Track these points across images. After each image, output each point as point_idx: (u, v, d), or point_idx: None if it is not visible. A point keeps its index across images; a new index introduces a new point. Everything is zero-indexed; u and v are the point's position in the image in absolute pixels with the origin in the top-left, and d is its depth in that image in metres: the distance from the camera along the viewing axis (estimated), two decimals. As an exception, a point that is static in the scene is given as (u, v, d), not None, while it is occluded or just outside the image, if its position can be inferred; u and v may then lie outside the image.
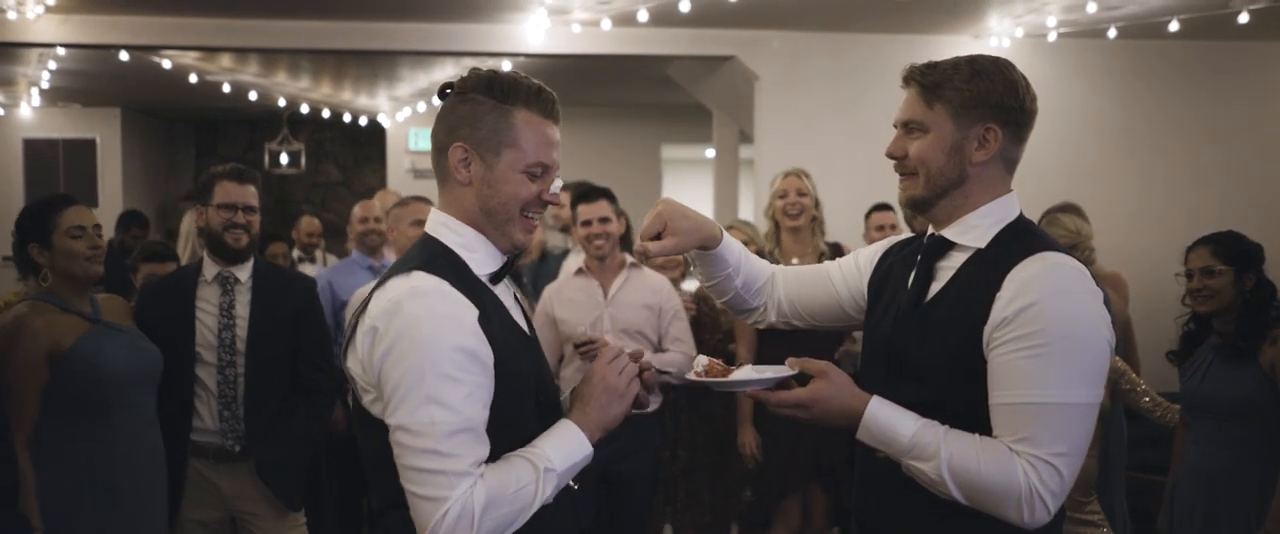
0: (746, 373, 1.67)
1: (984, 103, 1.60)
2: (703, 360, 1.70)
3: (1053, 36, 5.55)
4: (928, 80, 1.63)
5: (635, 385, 1.61)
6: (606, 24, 5.22)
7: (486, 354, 1.49)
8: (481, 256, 1.62)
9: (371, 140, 10.17)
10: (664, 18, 5.04)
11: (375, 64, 6.86)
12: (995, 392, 1.52)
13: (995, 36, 5.58)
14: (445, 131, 1.61)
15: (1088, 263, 3.51)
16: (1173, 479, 3.08)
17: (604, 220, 3.50)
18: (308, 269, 5.64)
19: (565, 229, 4.57)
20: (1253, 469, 2.81)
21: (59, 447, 2.67)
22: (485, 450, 1.48)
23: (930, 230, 1.70)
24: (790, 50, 5.61)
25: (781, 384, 1.62)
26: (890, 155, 1.69)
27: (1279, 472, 2.74)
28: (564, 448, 1.52)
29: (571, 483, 1.59)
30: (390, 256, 4.22)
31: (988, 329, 1.53)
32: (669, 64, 6.39)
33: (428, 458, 1.43)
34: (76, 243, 2.72)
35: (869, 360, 1.77)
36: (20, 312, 2.70)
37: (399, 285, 1.51)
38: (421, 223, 3.54)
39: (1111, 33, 5.46)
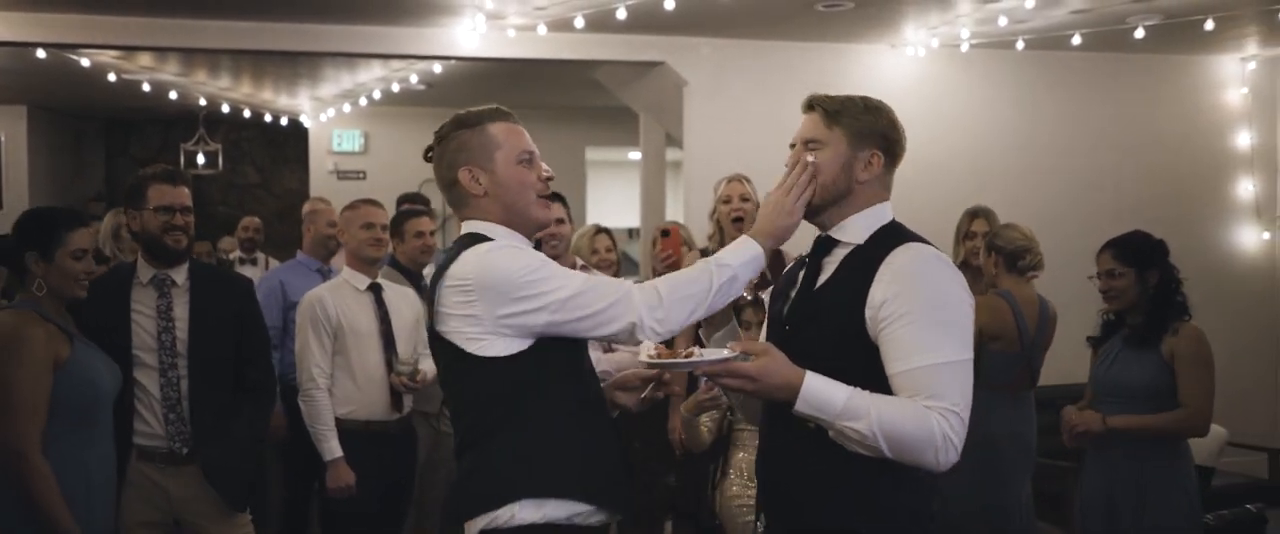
0: (698, 354, 1.85)
1: (873, 133, 1.92)
2: (650, 347, 1.87)
3: (965, 47, 5.84)
4: (830, 107, 1.93)
5: (803, 202, 1.90)
6: (542, 29, 5.30)
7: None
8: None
9: (291, 141, 10.02)
10: (599, 24, 5.15)
11: (297, 64, 6.79)
12: (893, 363, 1.77)
13: (912, 46, 5.85)
14: (448, 168, 2.00)
15: (1036, 267, 3.76)
16: (1084, 462, 3.33)
17: (560, 222, 3.65)
18: (248, 271, 5.65)
19: None
20: (1153, 448, 3.07)
21: (60, 456, 2.68)
22: None
23: (817, 233, 2.00)
24: (719, 56, 5.77)
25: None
26: (788, 167, 1.96)
27: (1177, 449, 3.01)
28: (738, 253, 1.91)
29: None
30: (339, 261, 4.22)
31: (870, 311, 1.81)
32: (597, 68, 6.48)
33: (593, 303, 1.86)
34: (77, 265, 2.75)
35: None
36: (10, 320, 2.69)
37: (472, 252, 1.91)
38: (371, 225, 3.65)
39: (1020, 45, 5.77)
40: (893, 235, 1.89)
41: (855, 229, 1.92)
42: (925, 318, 1.76)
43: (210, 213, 9.49)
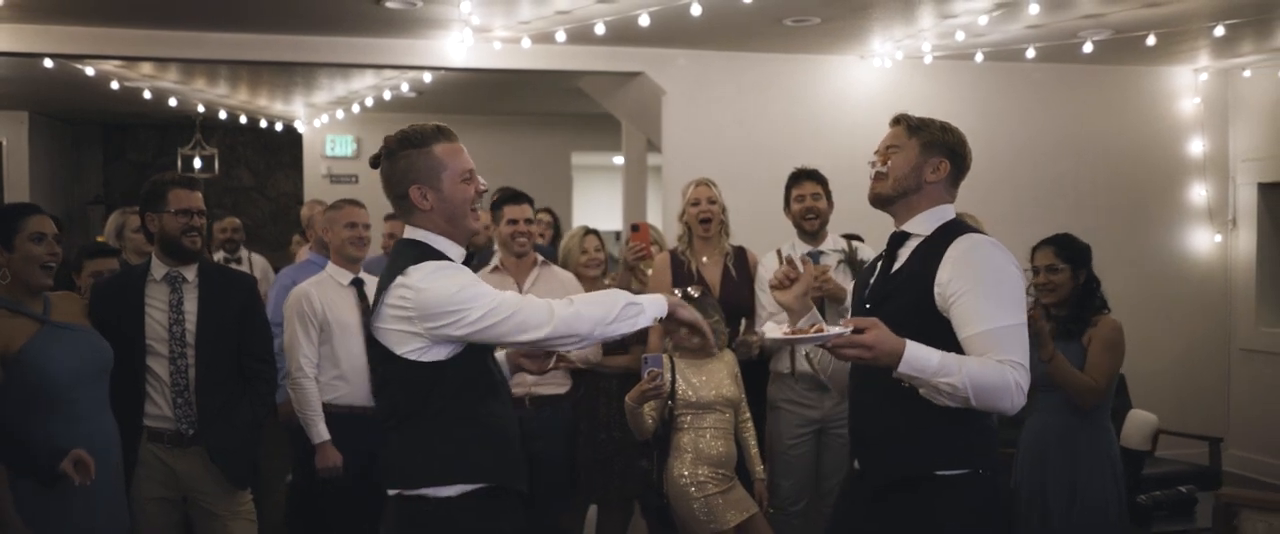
0: (823, 330, 2.14)
1: (942, 145, 2.36)
2: (777, 327, 2.24)
3: (928, 59, 6.13)
4: (912, 123, 2.39)
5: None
6: (526, 42, 5.57)
7: None
8: (453, 253, 2.28)
9: (285, 146, 10.25)
10: (580, 37, 5.42)
11: (293, 72, 7.01)
12: (963, 328, 2.16)
13: (878, 57, 6.13)
14: (398, 182, 2.25)
15: None
16: (1020, 445, 3.63)
17: (528, 221, 3.91)
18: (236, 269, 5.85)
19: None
20: (1079, 427, 3.38)
21: (33, 438, 2.83)
22: None
23: (893, 227, 2.42)
24: (695, 67, 6.03)
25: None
26: (876, 156, 2.40)
27: (1096, 426, 3.32)
28: (650, 297, 2.24)
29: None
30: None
31: (938, 289, 2.21)
32: (581, 77, 6.73)
33: (509, 315, 2.13)
34: (37, 248, 2.92)
35: None
36: None
37: (416, 271, 2.18)
38: (354, 225, 3.90)
39: (979, 57, 6.06)
40: (954, 228, 2.30)
41: (923, 223, 2.33)
42: (986, 291, 2.15)
43: (207, 216, 9.71)
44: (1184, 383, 6.64)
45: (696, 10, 4.64)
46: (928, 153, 2.35)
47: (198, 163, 9.06)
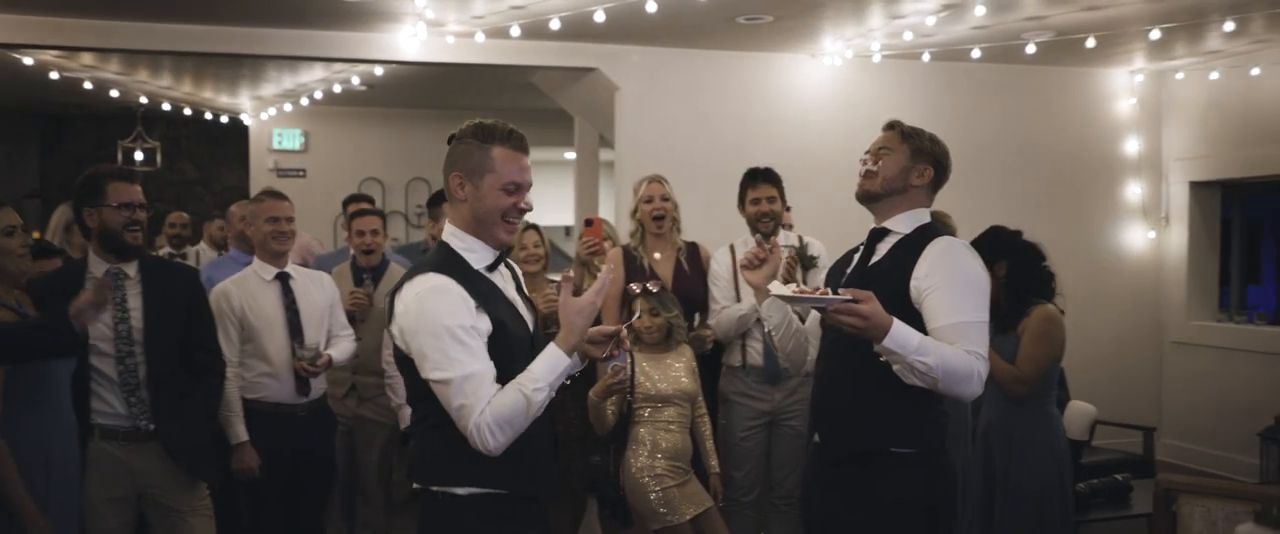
0: (825, 293, 2.27)
1: (929, 154, 2.57)
2: (783, 286, 2.36)
3: (877, 58, 6.24)
4: (905, 129, 2.59)
5: (593, 306, 2.13)
6: (480, 36, 5.56)
7: (486, 327, 2.13)
8: (479, 254, 2.23)
9: (230, 139, 10.08)
10: (534, 32, 5.43)
11: (240, 64, 6.90)
12: (933, 319, 2.34)
13: (829, 56, 6.23)
14: (448, 165, 2.23)
15: None
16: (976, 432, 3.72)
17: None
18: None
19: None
20: (1013, 417, 3.47)
21: (12, 434, 2.83)
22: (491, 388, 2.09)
23: (873, 223, 2.59)
24: (649, 64, 6.07)
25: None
26: (867, 154, 2.58)
27: (1033, 416, 3.42)
28: (548, 368, 2.12)
29: (567, 380, 2.18)
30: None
31: (914, 282, 2.39)
32: (534, 73, 6.73)
33: (455, 396, 2.06)
34: (10, 241, 2.90)
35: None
36: None
37: (421, 281, 2.14)
38: (276, 219, 3.83)
39: (926, 56, 6.20)
40: (931, 230, 2.51)
41: (902, 222, 2.53)
42: (957, 288, 2.35)
43: (150, 210, 9.52)
44: (1118, 374, 6.86)
45: (652, 7, 4.68)
46: (916, 159, 2.55)
47: (139, 155, 8.88)
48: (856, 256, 2.63)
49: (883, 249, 2.55)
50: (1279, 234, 7.15)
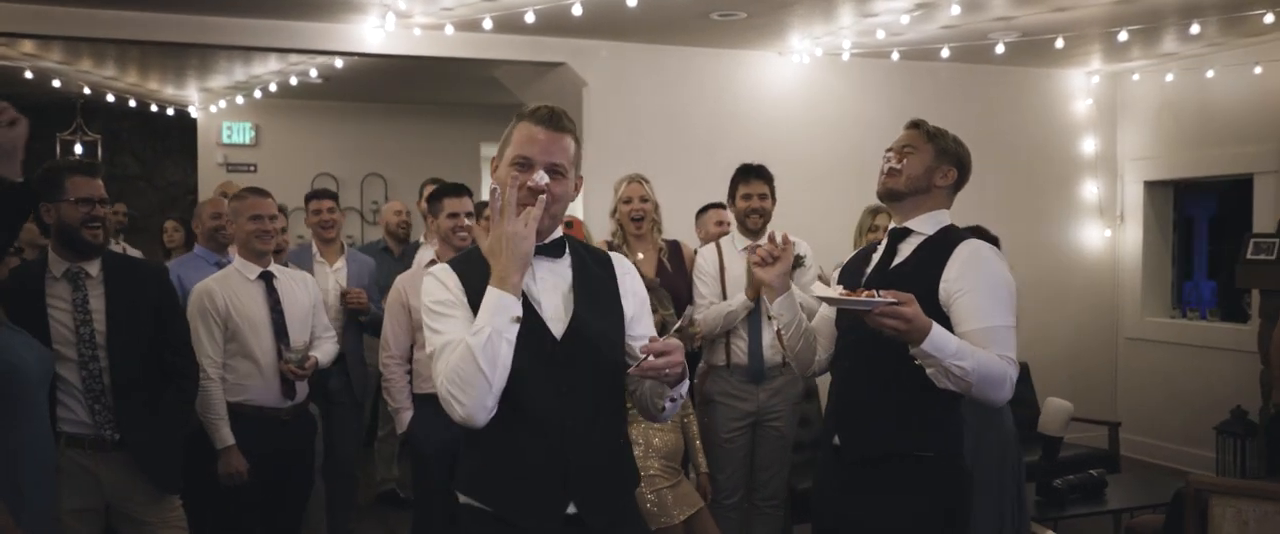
0: (873, 296, 2.19)
1: (954, 156, 2.53)
2: (827, 288, 2.32)
3: (846, 56, 6.25)
4: (930, 129, 2.54)
5: (532, 222, 1.91)
6: (449, 29, 5.43)
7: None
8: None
9: (175, 132, 9.74)
10: (507, 25, 5.32)
11: (188, 55, 6.66)
12: (963, 323, 2.30)
13: (798, 54, 6.22)
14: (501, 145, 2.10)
15: None
16: None
17: (469, 215, 3.80)
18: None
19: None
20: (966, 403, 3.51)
21: None
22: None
23: (894, 223, 2.56)
24: (617, 59, 6.00)
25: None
26: (891, 152, 2.54)
27: (982, 411, 3.46)
28: (487, 310, 1.88)
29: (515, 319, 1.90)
30: (234, 252, 4.25)
31: (944, 285, 2.35)
32: (499, 67, 6.62)
33: (439, 361, 1.93)
34: None
35: (849, 321, 2.49)
36: None
37: (432, 272, 2.07)
38: (258, 218, 3.67)
39: (895, 55, 6.22)
40: (956, 232, 2.48)
41: (925, 223, 2.49)
42: (987, 292, 2.31)
43: (109, 204, 9.20)
44: (1076, 370, 6.98)
45: (632, 1, 4.61)
46: (941, 159, 2.51)
47: (79, 148, 8.55)
48: (876, 256, 2.59)
49: (906, 250, 2.52)
50: (1212, 231, 7.32)
